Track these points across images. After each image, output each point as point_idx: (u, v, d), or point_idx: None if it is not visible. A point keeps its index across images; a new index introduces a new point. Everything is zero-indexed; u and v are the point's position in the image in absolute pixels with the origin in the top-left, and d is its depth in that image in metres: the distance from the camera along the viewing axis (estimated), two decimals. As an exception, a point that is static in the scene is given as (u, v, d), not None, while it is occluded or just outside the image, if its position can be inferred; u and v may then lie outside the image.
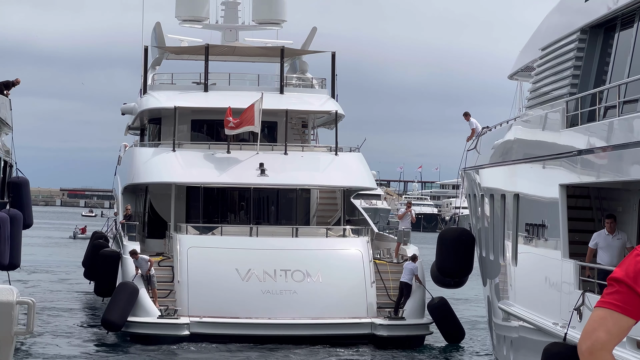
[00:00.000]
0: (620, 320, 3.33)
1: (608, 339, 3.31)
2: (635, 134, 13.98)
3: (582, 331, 3.32)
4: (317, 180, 33.40)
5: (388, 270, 29.52)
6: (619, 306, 3.33)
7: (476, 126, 26.13)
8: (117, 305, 27.30)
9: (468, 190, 25.92)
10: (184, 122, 35.59)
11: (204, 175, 32.41)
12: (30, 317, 9.88)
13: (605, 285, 3.40)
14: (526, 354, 19.25)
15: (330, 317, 27.59)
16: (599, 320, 3.35)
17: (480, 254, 24.55)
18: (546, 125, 18.53)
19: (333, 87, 37.27)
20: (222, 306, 27.52)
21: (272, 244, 29.41)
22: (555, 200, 17.09)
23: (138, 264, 28.10)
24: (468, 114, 26.80)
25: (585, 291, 15.13)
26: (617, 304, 3.34)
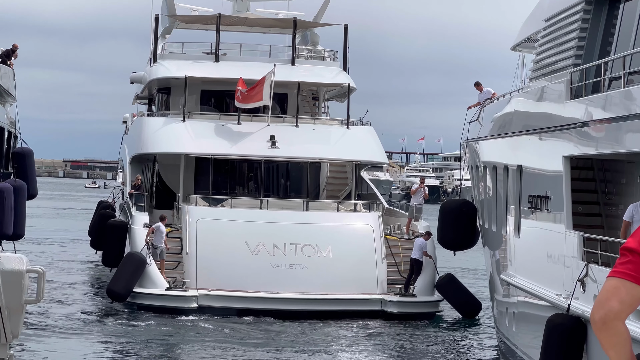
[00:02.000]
0: (633, 290, 3.32)
1: (621, 308, 3.31)
2: (639, 106, 13.82)
3: (595, 301, 3.32)
4: (329, 153, 33.15)
5: (399, 247, 29.24)
6: (632, 275, 3.32)
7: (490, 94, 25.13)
8: (123, 275, 27.03)
9: (470, 162, 25.71)
10: (194, 92, 35.43)
11: (214, 146, 32.08)
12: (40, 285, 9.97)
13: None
14: (529, 325, 19.09)
15: (340, 293, 27.32)
16: (612, 289, 3.33)
17: (483, 226, 24.45)
18: (550, 97, 18.33)
19: (345, 59, 37.16)
20: (231, 279, 27.24)
21: (282, 217, 29.06)
22: (559, 172, 16.92)
23: (160, 231, 27.92)
24: (480, 84, 25.73)
25: (589, 262, 15.01)
26: (630, 273, 3.33)
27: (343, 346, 23.41)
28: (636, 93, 14.19)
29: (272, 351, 22.29)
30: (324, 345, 23.33)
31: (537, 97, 19.37)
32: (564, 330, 15.12)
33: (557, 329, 15.28)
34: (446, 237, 26.03)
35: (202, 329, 24.87)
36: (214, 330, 24.73)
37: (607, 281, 3.36)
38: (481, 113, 24.43)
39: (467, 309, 28.03)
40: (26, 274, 10.13)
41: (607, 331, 3.32)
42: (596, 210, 18.20)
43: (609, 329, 3.32)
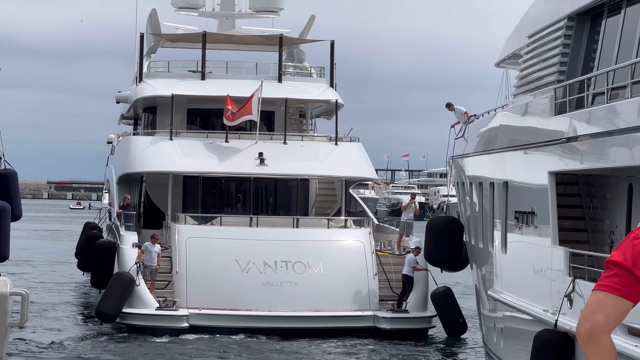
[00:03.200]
0: (618, 303, 3.38)
1: (606, 321, 3.37)
2: (623, 121, 14.19)
3: (581, 315, 3.37)
4: (318, 170, 33.60)
5: (390, 262, 29.57)
6: (617, 289, 3.38)
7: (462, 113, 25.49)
8: (111, 296, 27.24)
9: (456, 178, 25.98)
10: (180, 110, 35.84)
11: (202, 164, 32.51)
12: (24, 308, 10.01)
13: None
14: (516, 342, 19.36)
15: (332, 310, 27.65)
16: (598, 303, 3.39)
17: (469, 242, 24.69)
18: (534, 113, 18.68)
19: (332, 76, 37.72)
20: (222, 298, 27.57)
21: (273, 234, 29.46)
22: (545, 187, 17.24)
23: (149, 251, 28.23)
24: (451, 105, 26.17)
25: (576, 278, 15.30)
26: (615, 287, 3.38)
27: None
28: (619, 108, 14.71)
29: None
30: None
31: (522, 113, 19.77)
32: (552, 346, 15.39)
33: (545, 345, 15.55)
34: (433, 254, 26.35)
35: (194, 348, 25.19)
36: (206, 349, 25.04)
37: (592, 295, 3.41)
38: (466, 129, 24.77)
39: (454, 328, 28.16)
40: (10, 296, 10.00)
41: (592, 344, 3.37)
42: (582, 225, 18.53)
43: (595, 342, 3.37)
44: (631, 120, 14.16)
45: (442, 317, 28.13)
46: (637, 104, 14.11)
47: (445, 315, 28.04)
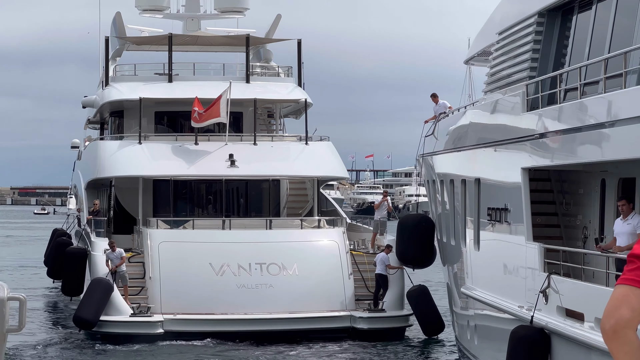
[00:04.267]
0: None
1: (632, 316, 3.30)
2: (595, 116, 14.50)
3: (605, 310, 3.34)
4: (289, 170, 33.85)
5: (365, 262, 29.81)
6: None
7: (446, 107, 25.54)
8: (91, 302, 27.24)
9: (426, 176, 26.17)
10: (147, 114, 35.88)
11: (172, 167, 32.70)
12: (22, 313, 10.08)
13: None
14: (491, 338, 19.68)
15: (308, 311, 27.87)
16: (622, 297, 3.32)
17: (441, 240, 24.94)
18: (506, 109, 18.96)
19: (300, 75, 37.97)
20: (197, 302, 27.74)
21: (246, 237, 29.69)
22: (518, 183, 17.52)
23: (112, 257, 28.42)
24: (436, 96, 26.07)
25: (551, 273, 15.57)
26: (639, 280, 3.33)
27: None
28: (590, 104, 15.11)
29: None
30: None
31: (493, 110, 20.00)
32: (528, 341, 15.70)
33: (521, 341, 15.85)
34: (405, 252, 26.56)
35: (170, 355, 25.36)
36: (182, 355, 25.23)
37: (616, 289, 3.36)
38: (436, 127, 24.96)
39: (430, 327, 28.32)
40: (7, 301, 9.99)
41: (617, 340, 3.30)
42: (554, 221, 18.87)
43: (620, 337, 3.30)
44: (600, 116, 14.55)
45: (419, 315, 28.35)
46: (607, 100, 14.50)
47: (422, 314, 28.28)
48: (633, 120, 13.37)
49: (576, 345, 14.37)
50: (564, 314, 15.07)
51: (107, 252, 28.63)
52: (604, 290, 13.89)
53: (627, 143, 13.87)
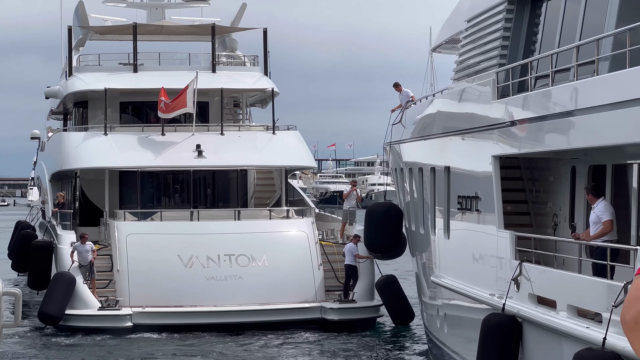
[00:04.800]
0: None
1: None
2: (566, 104, 14.60)
3: (625, 301, 3.33)
4: (257, 160, 33.82)
5: (335, 252, 29.96)
6: None
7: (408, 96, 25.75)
8: (55, 297, 27.25)
9: (394, 164, 26.25)
10: (112, 104, 35.73)
11: (139, 159, 32.62)
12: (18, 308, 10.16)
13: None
14: (461, 326, 19.80)
15: (278, 303, 27.97)
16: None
17: (409, 228, 24.97)
18: (476, 97, 19.01)
19: (266, 64, 37.95)
20: (165, 295, 27.76)
21: (215, 228, 29.70)
22: (489, 172, 17.58)
23: (81, 251, 28.42)
24: (399, 85, 26.23)
25: (523, 261, 15.68)
26: None
27: (283, 357, 24.16)
28: (561, 92, 15.27)
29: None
30: (264, 357, 24.07)
31: (463, 98, 20.05)
32: (501, 329, 15.81)
33: (493, 328, 15.94)
34: (373, 241, 26.65)
35: (139, 348, 25.34)
36: (151, 348, 25.22)
37: (635, 280, 3.35)
38: (404, 115, 25.04)
39: (400, 316, 28.54)
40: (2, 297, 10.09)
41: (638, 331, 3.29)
42: (524, 209, 19.02)
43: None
44: (571, 104, 14.72)
45: (389, 305, 28.52)
46: (577, 87, 14.68)
47: (391, 304, 28.44)
48: (604, 107, 13.55)
49: (548, 332, 14.56)
50: (535, 302, 15.25)
51: (76, 244, 28.53)
52: (576, 277, 14.09)
53: (597, 130, 14.05)
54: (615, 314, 12.25)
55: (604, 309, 12.69)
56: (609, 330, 12.34)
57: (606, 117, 13.57)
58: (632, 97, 12.65)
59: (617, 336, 12.23)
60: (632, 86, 12.78)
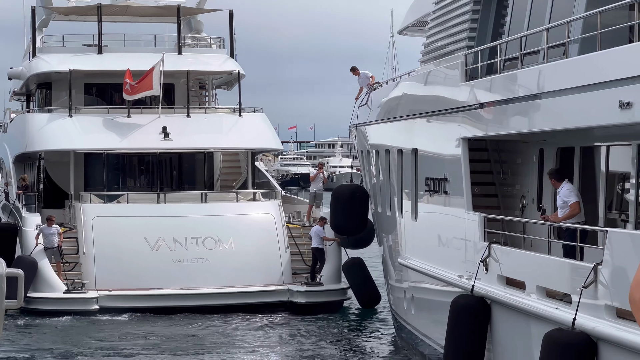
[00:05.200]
0: None
1: None
2: (535, 86, 14.70)
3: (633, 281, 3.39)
4: (223, 142, 33.82)
5: (302, 234, 30.07)
6: None
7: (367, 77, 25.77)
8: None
9: (359, 146, 26.28)
10: (77, 86, 35.57)
11: (104, 141, 32.51)
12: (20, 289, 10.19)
13: None
14: (429, 308, 19.93)
15: (245, 285, 28.04)
16: None
17: (376, 210, 25.04)
18: (445, 80, 19.06)
19: (232, 46, 37.95)
20: (132, 278, 27.76)
21: (181, 210, 29.70)
22: (457, 154, 17.71)
23: (47, 233, 28.30)
24: (356, 69, 26.26)
25: (492, 243, 15.80)
26: None
27: (249, 340, 24.18)
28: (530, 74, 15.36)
29: (177, 349, 22.92)
30: (231, 341, 24.08)
31: (431, 80, 20.07)
32: (469, 310, 15.94)
33: (463, 310, 16.07)
34: (339, 222, 26.63)
35: (105, 331, 25.26)
36: (117, 332, 25.16)
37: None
38: (370, 97, 25.06)
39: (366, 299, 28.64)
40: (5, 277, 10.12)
41: None
42: (492, 191, 19.15)
43: None
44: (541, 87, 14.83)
45: (355, 288, 28.62)
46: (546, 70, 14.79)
47: (358, 287, 28.55)
48: (573, 90, 13.67)
49: (517, 313, 14.71)
50: (504, 283, 15.39)
51: (42, 227, 28.39)
52: (545, 258, 14.23)
53: (566, 113, 14.17)
54: (585, 295, 12.41)
55: (573, 290, 12.84)
56: (578, 311, 12.49)
57: (573, 100, 13.70)
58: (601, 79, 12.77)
59: (587, 317, 12.39)
60: (601, 69, 12.90)
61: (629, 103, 11.91)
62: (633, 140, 13.92)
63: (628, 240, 12.12)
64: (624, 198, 14.89)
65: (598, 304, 12.22)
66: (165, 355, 22.14)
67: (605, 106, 12.54)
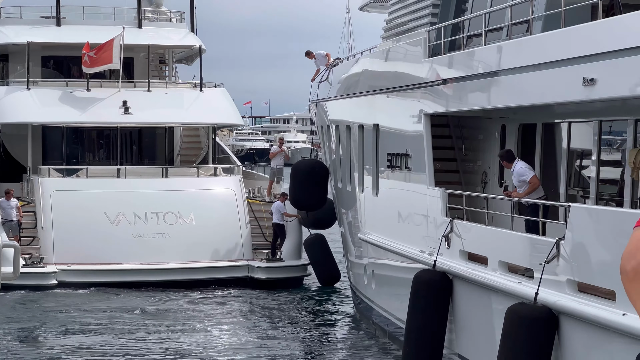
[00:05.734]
0: None
1: None
2: (498, 63, 14.81)
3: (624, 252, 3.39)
4: (184, 117, 33.64)
5: (262, 210, 30.09)
6: None
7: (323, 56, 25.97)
8: None
9: (319, 122, 26.37)
10: (34, 58, 35.33)
11: (63, 114, 32.21)
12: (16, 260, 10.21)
13: None
14: (390, 283, 20.06)
15: (205, 261, 28.07)
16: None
17: (336, 186, 25.12)
18: (407, 56, 19.13)
19: (192, 20, 37.85)
20: (91, 252, 27.68)
21: (142, 185, 29.55)
22: (419, 129, 17.82)
23: (5, 207, 27.86)
24: (311, 53, 26.59)
25: (454, 218, 15.95)
26: None
27: (209, 315, 24.21)
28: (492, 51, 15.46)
29: (136, 324, 22.84)
30: (190, 316, 24.08)
31: (393, 56, 20.14)
32: (431, 285, 16.06)
33: (425, 285, 16.20)
34: (298, 197, 26.67)
35: (63, 306, 25.15)
36: (76, 306, 25.04)
37: (635, 232, 3.42)
38: (330, 73, 25.04)
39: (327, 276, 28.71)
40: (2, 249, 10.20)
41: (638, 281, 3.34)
42: (453, 167, 19.36)
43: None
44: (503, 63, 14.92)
45: (316, 265, 28.70)
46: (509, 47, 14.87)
47: (319, 263, 28.63)
48: (536, 67, 13.77)
49: (479, 288, 14.85)
50: (466, 258, 15.52)
51: (0, 200, 28.16)
52: (508, 233, 14.36)
53: (528, 89, 14.28)
54: (547, 269, 12.55)
55: (535, 265, 12.98)
56: (541, 285, 12.64)
57: (536, 77, 13.80)
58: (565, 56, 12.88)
59: (549, 291, 12.54)
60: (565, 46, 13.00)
61: (592, 80, 12.03)
62: (594, 117, 14.07)
63: (590, 215, 12.27)
64: (585, 175, 15.06)
65: (560, 278, 12.37)
66: (123, 330, 22.09)
67: (569, 83, 12.65)
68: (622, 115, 13.47)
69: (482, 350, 14.79)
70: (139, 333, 21.85)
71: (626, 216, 11.38)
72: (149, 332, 21.92)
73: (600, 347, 11.63)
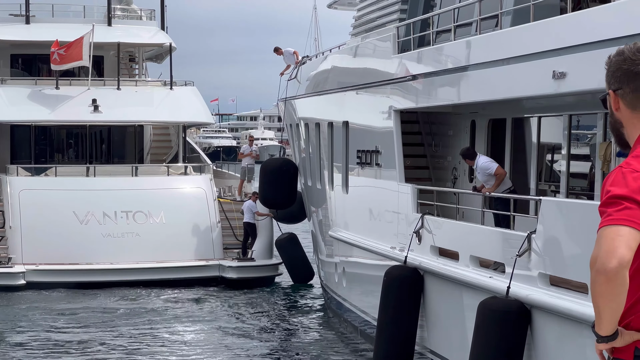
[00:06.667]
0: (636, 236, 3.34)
1: (630, 256, 3.32)
2: (467, 58, 14.87)
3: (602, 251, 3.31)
4: (154, 116, 33.47)
5: (233, 209, 29.95)
6: (634, 222, 3.36)
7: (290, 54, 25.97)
8: None
9: (289, 120, 26.31)
10: (3, 56, 35.11)
11: (32, 113, 31.93)
12: None
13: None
14: (361, 280, 20.05)
15: (176, 260, 27.89)
16: (618, 237, 3.33)
17: (306, 184, 25.08)
18: (376, 52, 19.15)
19: (162, 18, 37.74)
20: (60, 252, 27.41)
21: (111, 184, 29.34)
22: (389, 126, 17.82)
23: None
24: (279, 49, 26.57)
25: (425, 214, 16.00)
26: (631, 219, 3.36)
27: (180, 315, 24.03)
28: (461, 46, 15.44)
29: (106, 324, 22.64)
30: (161, 315, 23.89)
31: (362, 53, 20.14)
32: (403, 280, 16.04)
33: (396, 281, 16.18)
34: (267, 195, 26.60)
35: (32, 307, 24.89)
36: (45, 308, 24.74)
37: (606, 229, 3.37)
38: (299, 71, 25.00)
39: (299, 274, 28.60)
40: None
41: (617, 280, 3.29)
42: (423, 163, 19.39)
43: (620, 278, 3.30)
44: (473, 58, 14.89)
45: (288, 264, 28.59)
46: (478, 42, 14.84)
47: (290, 262, 28.52)
48: (505, 61, 13.73)
49: (451, 283, 14.79)
50: (437, 254, 15.46)
51: None
52: (478, 228, 14.32)
53: (497, 84, 14.24)
54: (519, 263, 12.50)
55: (507, 259, 12.93)
56: (512, 279, 12.59)
57: (505, 71, 13.77)
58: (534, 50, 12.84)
59: (520, 285, 12.49)
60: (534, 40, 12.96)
61: (562, 73, 12.00)
62: (564, 111, 14.05)
63: (561, 208, 12.23)
64: (555, 169, 15.04)
65: (532, 272, 12.33)
66: (93, 330, 21.87)
67: (539, 76, 12.62)
68: (591, 109, 13.46)
69: (455, 345, 14.74)
70: (108, 333, 21.65)
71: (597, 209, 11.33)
72: (119, 332, 21.72)
73: (572, 340, 11.60)
